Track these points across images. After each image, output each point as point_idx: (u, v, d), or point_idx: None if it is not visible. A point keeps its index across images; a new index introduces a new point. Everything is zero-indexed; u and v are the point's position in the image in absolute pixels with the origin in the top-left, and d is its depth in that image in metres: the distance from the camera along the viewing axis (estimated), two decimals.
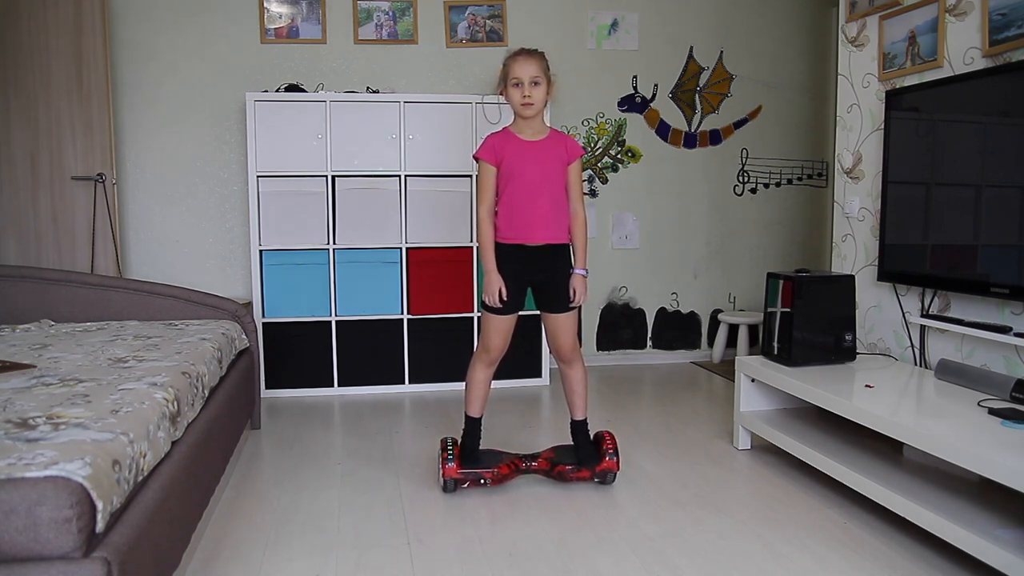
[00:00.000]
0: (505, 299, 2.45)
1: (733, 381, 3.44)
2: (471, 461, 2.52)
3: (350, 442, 3.07)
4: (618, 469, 2.55)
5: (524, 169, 2.46)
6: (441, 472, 2.50)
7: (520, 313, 2.55)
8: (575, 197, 2.53)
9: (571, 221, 2.53)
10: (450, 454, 2.50)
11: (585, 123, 4.41)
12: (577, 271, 2.53)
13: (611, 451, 2.55)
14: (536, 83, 2.42)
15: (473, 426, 2.59)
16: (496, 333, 2.52)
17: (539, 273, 2.50)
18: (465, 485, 2.51)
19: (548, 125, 2.59)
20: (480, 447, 2.60)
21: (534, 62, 2.43)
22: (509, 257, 2.48)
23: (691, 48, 4.50)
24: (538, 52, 2.48)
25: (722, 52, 4.53)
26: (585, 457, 2.57)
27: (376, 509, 2.39)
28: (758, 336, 4.32)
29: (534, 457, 2.59)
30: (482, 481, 2.50)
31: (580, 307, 2.62)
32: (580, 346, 2.64)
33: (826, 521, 2.28)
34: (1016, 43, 2.38)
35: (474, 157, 2.52)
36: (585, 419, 2.62)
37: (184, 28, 4.00)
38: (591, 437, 2.64)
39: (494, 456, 2.58)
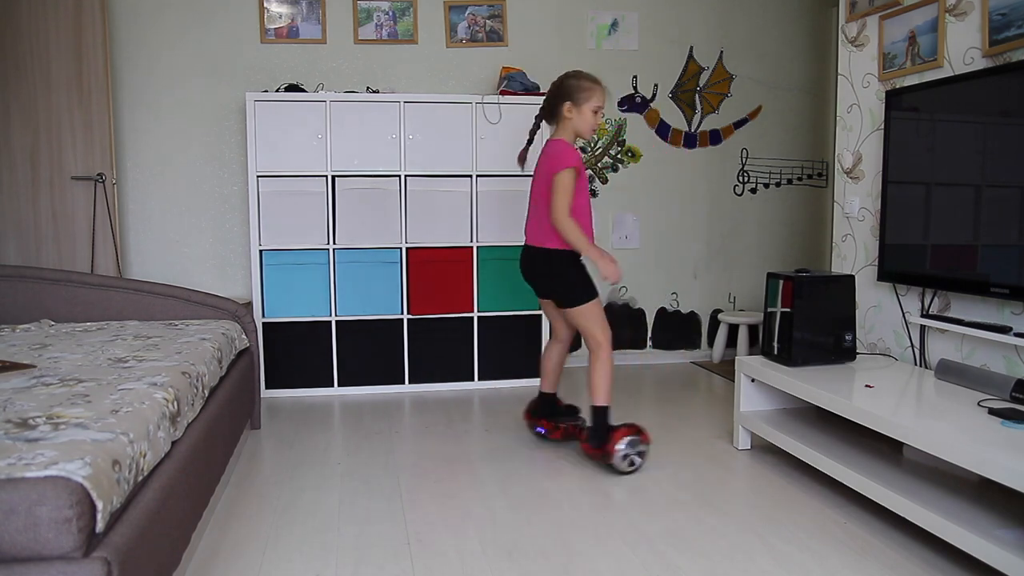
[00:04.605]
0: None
1: (733, 381, 3.44)
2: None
3: (350, 442, 3.07)
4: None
5: (586, 182, 2.82)
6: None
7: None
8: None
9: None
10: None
11: None
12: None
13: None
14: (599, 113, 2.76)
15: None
16: (603, 315, 2.76)
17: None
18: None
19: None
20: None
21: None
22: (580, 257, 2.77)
23: (691, 48, 4.50)
24: None
25: (722, 52, 4.53)
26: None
27: (376, 509, 2.39)
28: (758, 336, 4.32)
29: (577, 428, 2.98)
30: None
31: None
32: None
33: (826, 521, 2.28)
34: (1016, 43, 2.38)
35: (570, 166, 2.66)
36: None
37: (184, 28, 4.00)
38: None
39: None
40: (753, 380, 2.88)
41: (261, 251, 3.75)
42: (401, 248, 3.85)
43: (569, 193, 2.65)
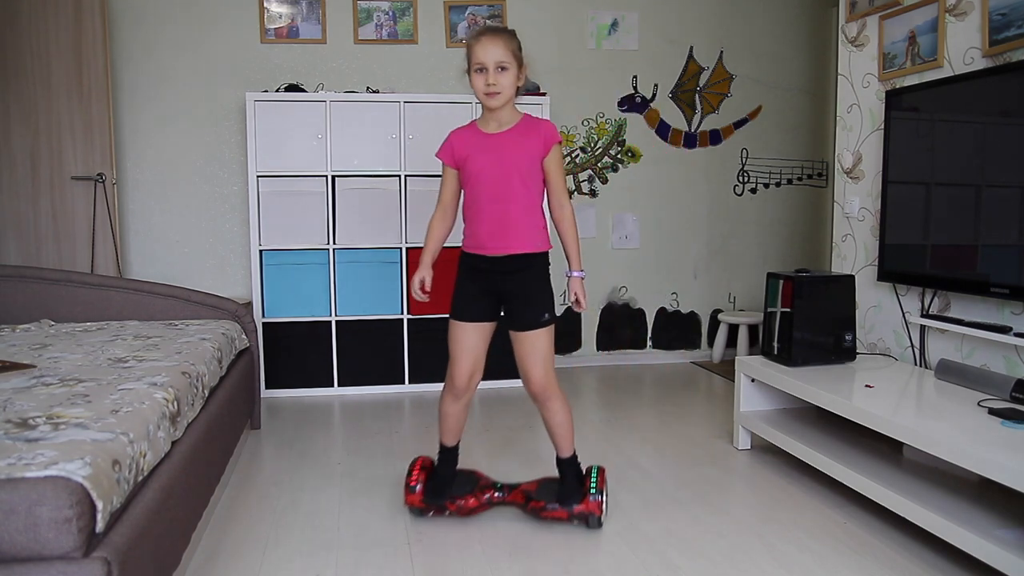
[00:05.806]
0: (427, 290, 2.24)
1: (733, 381, 3.43)
2: (439, 491, 2.26)
3: (350, 442, 3.07)
4: (601, 512, 2.17)
5: (482, 169, 2.11)
6: (404, 497, 2.28)
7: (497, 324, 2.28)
8: (556, 191, 2.15)
9: (555, 219, 2.18)
10: (416, 481, 2.25)
11: (585, 123, 4.41)
12: (573, 274, 2.18)
13: (596, 491, 2.17)
14: (503, 68, 2.06)
15: (447, 455, 2.32)
16: (458, 347, 2.20)
17: (504, 284, 2.17)
18: (430, 514, 2.29)
19: (521, 112, 2.20)
20: (459, 468, 2.35)
21: (500, 43, 2.06)
22: (470, 267, 2.20)
23: (691, 48, 4.50)
24: (506, 31, 2.12)
25: (722, 52, 4.53)
26: (566, 495, 2.20)
27: (376, 509, 2.39)
28: (758, 336, 4.32)
29: (510, 489, 2.29)
30: (447, 513, 2.27)
31: (553, 331, 2.23)
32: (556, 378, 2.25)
33: (826, 521, 2.28)
34: (1016, 43, 2.38)
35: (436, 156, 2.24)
36: (572, 456, 2.24)
37: (184, 28, 4.00)
38: (582, 472, 2.26)
39: (466, 482, 2.30)
40: (753, 380, 2.88)
41: (261, 251, 3.75)
42: (401, 248, 3.85)
43: (443, 184, 2.25)
